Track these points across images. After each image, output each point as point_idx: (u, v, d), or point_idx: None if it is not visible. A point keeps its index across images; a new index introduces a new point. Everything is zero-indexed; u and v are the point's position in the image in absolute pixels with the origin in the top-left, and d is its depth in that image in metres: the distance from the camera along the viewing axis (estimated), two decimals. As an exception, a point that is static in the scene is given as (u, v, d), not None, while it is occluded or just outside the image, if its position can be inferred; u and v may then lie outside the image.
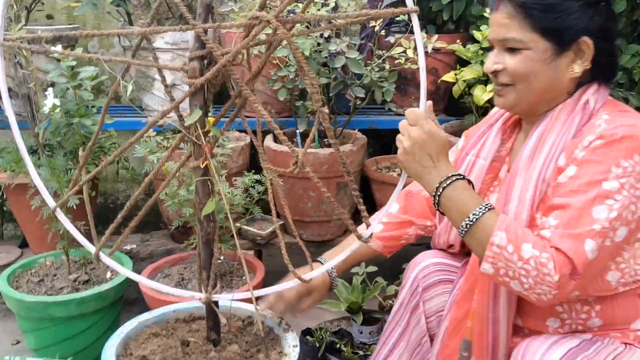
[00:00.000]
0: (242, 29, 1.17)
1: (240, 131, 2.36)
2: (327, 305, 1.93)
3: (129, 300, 2.22)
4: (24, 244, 2.28)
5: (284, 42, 1.53)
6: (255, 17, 1.14)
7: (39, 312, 1.69)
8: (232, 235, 2.17)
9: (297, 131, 2.13)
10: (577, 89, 1.21)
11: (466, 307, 1.27)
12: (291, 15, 1.16)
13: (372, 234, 1.25)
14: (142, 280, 1.29)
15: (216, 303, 1.31)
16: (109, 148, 2.10)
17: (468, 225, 1.11)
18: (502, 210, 1.19)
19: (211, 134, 1.19)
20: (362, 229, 1.22)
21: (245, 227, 2.14)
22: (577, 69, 1.18)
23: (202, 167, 1.17)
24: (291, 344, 1.32)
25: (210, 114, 1.29)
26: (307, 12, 1.90)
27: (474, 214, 1.11)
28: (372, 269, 2.03)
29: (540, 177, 1.16)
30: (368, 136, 2.48)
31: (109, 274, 1.91)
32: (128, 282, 1.86)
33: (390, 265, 2.70)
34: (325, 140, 2.25)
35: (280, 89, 2.07)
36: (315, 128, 1.24)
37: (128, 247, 2.19)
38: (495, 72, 1.21)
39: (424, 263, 1.40)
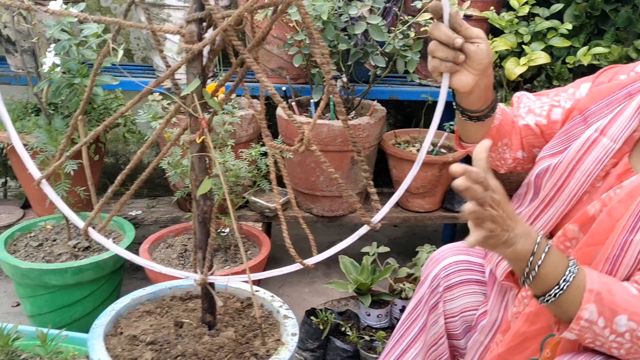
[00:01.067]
0: (246, -11, 1.05)
1: (254, 97, 2.25)
2: (334, 285, 1.84)
3: (133, 266, 2.16)
4: (26, 205, 2.21)
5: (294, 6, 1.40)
6: (261, -23, 1.02)
7: (34, 279, 1.63)
8: (238, 208, 2.10)
9: (312, 101, 2.01)
10: None
11: (540, 324, 1.06)
12: (302, -26, 1.03)
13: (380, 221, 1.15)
14: (132, 258, 1.21)
15: (212, 284, 1.23)
16: (115, 109, 2.02)
17: (558, 295, 0.91)
18: (626, 239, 0.94)
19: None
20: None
21: (253, 198, 2.05)
22: None
23: (198, 142, 1.07)
24: (290, 332, 1.24)
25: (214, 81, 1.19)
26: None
27: (564, 280, 0.91)
28: (384, 249, 1.94)
29: None
30: (388, 107, 2.35)
31: (110, 241, 1.84)
32: (129, 250, 1.79)
33: (403, 247, 2.61)
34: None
35: (296, 55, 1.94)
36: (324, 102, 1.12)
37: (133, 214, 2.12)
38: None
39: (446, 261, 1.27)
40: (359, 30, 1.70)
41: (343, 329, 1.75)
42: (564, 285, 0.91)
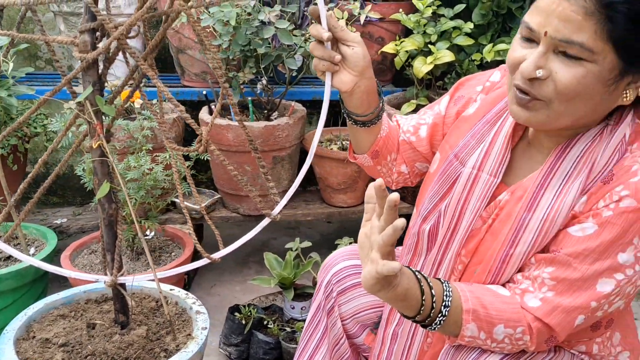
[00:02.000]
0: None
1: (179, 101, 2.28)
2: (258, 281, 1.90)
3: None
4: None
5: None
6: (150, -12, 1.07)
7: (-50, 289, 1.63)
8: (166, 211, 2.14)
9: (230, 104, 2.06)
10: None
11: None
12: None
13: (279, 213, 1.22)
14: (41, 265, 1.23)
15: (123, 285, 1.27)
16: (35, 119, 2.02)
17: (442, 322, 0.98)
18: (507, 253, 1.01)
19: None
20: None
21: (178, 201, 2.08)
22: (632, 95, 0.94)
23: (94, 147, 1.11)
24: (200, 327, 1.29)
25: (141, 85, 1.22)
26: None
27: (444, 307, 0.97)
28: (307, 244, 2.01)
29: (555, 219, 0.98)
30: (315, 106, 2.42)
31: (32, 250, 1.85)
32: (51, 257, 1.81)
33: (325, 240, 2.69)
34: (264, 112, 2.19)
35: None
36: (219, 104, 1.18)
37: (58, 222, 2.12)
38: (532, 79, 0.93)
39: (337, 266, 1.31)
40: (267, 35, 1.76)
41: (266, 322, 1.81)
42: (446, 311, 0.97)
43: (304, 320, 1.86)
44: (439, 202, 1.14)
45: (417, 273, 0.98)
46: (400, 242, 1.12)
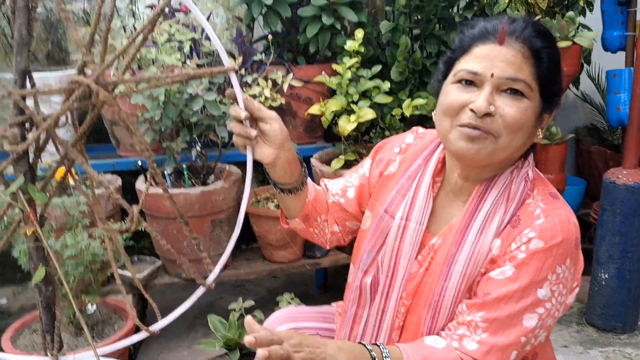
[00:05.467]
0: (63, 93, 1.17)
1: (114, 172, 2.33)
2: (203, 345, 1.93)
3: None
4: None
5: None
6: (75, 81, 1.15)
7: None
8: (107, 283, 2.15)
9: (166, 172, 2.13)
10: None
11: None
12: (113, 75, 1.17)
13: (214, 281, 1.27)
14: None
15: (64, 364, 1.29)
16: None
17: None
18: (442, 286, 1.12)
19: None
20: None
21: (120, 271, 2.11)
22: (541, 135, 1.11)
23: (28, 234, 1.16)
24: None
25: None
26: (142, 64, 1.91)
27: None
28: (250, 303, 2.06)
29: (480, 250, 1.10)
30: (256, 166, 2.51)
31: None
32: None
33: (272, 295, 2.75)
34: (200, 176, 2.26)
35: (147, 131, 2.07)
36: (150, 178, 1.25)
37: (-3, 303, 2.10)
38: (483, 116, 1.04)
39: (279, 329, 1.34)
40: (196, 107, 1.86)
41: (213, 386, 1.84)
42: None
43: (251, 380, 1.89)
44: (376, 255, 1.24)
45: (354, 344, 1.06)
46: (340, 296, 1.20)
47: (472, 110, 1.04)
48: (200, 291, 1.30)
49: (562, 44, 2.26)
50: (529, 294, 1.05)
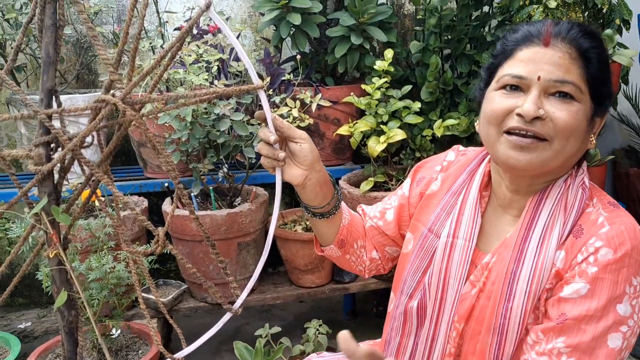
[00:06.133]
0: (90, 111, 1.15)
1: (141, 194, 2.32)
2: (229, 373, 1.87)
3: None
4: None
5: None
6: (102, 100, 1.12)
7: None
8: (132, 307, 2.11)
9: (192, 194, 2.10)
10: None
11: None
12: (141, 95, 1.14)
13: (241, 306, 1.22)
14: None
15: (86, 393, 1.24)
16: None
17: None
18: (506, 307, 1.03)
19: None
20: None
21: (145, 295, 2.07)
22: (594, 141, 1.05)
23: (51, 256, 1.12)
24: None
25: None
26: (164, 87, 1.90)
27: None
28: (276, 329, 2.00)
29: (544, 265, 1.01)
30: (283, 188, 2.48)
31: (-6, 359, 1.80)
32: (14, 366, 1.76)
33: (299, 321, 2.68)
34: (227, 198, 2.22)
35: (174, 152, 2.05)
36: (176, 200, 1.21)
37: (22, 326, 2.08)
38: (532, 120, 0.98)
39: None
40: (223, 127, 1.83)
41: (239, 415, 1.77)
42: None
43: (277, 410, 1.82)
44: (422, 277, 1.16)
45: None
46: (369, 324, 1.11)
47: (519, 115, 0.98)
48: (226, 317, 1.25)
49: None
50: (609, 312, 0.95)
